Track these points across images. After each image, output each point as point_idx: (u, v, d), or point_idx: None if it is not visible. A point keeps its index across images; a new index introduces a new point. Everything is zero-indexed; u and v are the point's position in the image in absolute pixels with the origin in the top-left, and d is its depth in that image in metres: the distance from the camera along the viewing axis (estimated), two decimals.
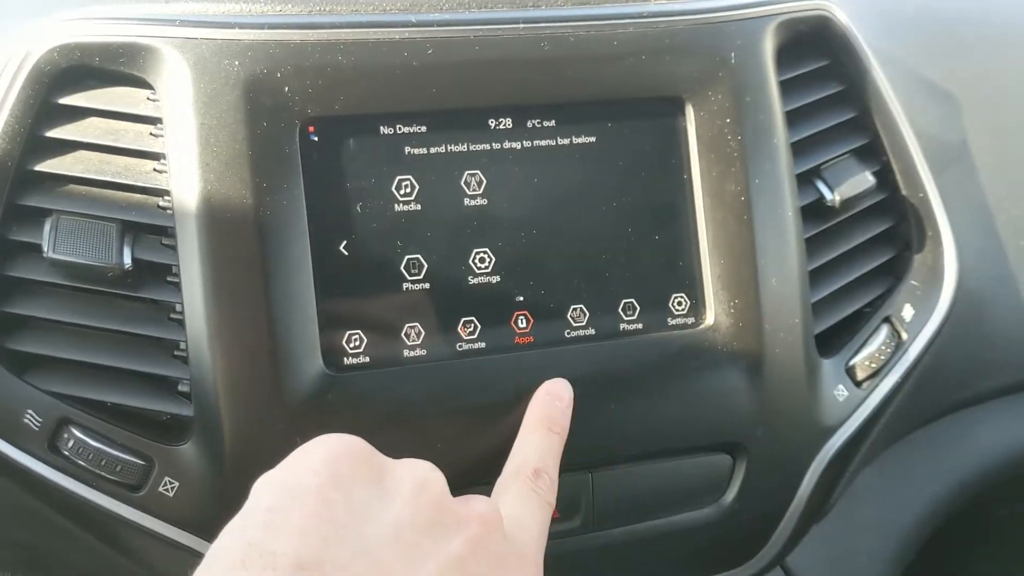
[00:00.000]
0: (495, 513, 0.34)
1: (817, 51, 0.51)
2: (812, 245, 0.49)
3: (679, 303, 0.46)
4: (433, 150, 0.43)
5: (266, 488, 0.31)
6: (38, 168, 0.42)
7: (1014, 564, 0.75)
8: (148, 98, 0.42)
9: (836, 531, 0.55)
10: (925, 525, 0.57)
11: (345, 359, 0.41)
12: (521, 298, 0.44)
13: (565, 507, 0.44)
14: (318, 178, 0.41)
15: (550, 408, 0.42)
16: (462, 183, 0.43)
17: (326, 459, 0.32)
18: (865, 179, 0.50)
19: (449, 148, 0.43)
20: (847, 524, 0.55)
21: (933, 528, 0.58)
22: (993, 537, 0.74)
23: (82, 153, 0.42)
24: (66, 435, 0.40)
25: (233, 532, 0.30)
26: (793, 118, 0.49)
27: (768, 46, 0.47)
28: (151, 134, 0.42)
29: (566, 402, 0.42)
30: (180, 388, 0.41)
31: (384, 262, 0.42)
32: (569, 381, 0.43)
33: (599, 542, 0.46)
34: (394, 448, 0.41)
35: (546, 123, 0.45)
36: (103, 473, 0.40)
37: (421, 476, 0.34)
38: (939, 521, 0.57)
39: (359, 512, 0.31)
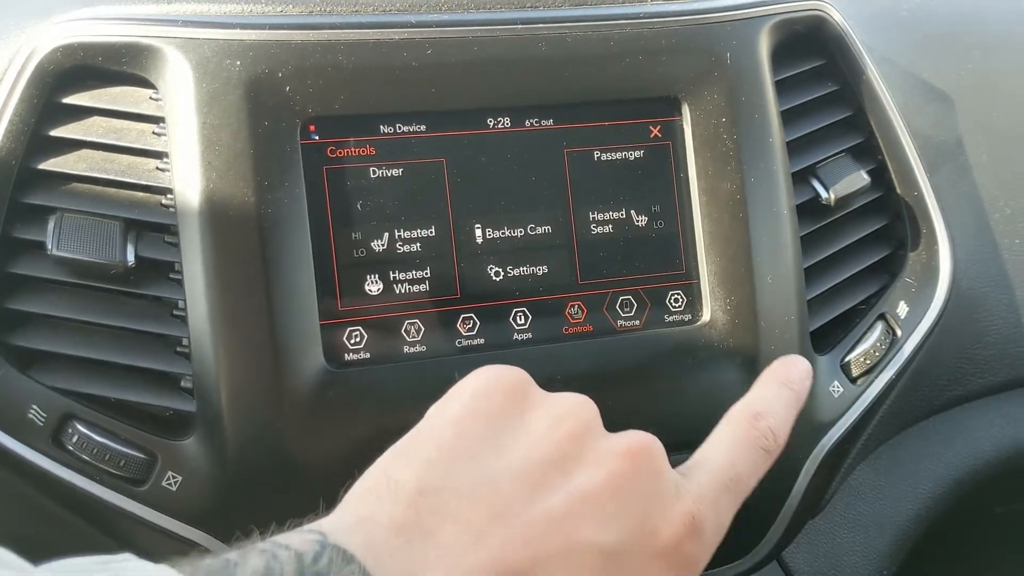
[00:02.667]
0: (647, 447, 0.32)
1: (812, 51, 0.52)
2: (807, 243, 0.49)
3: (676, 300, 0.46)
4: (432, 149, 0.43)
5: (428, 413, 0.33)
6: (42, 167, 0.42)
7: (1010, 561, 0.75)
8: (151, 97, 0.43)
9: (832, 526, 0.56)
10: (920, 521, 0.57)
11: (346, 355, 0.42)
12: (519, 295, 0.44)
13: None
14: (318, 176, 0.42)
15: (794, 370, 0.39)
16: (461, 182, 0.44)
17: (476, 391, 0.32)
18: (860, 178, 0.51)
19: (448, 147, 0.44)
20: (843, 520, 0.56)
21: (928, 524, 0.58)
22: (989, 534, 0.74)
23: (85, 152, 0.42)
24: (70, 430, 0.41)
25: (379, 461, 0.31)
26: (789, 117, 0.49)
27: (764, 46, 0.48)
28: (154, 133, 0.42)
29: (807, 371, 0.39)
30: (183, 384, 0.42)
31: (384, 259, 0.43)
32: (566, 377, 0.44)
33: None
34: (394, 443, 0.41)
35: (544, 122, 0.45)
36: (107, 468, 0.41)
37: (567, 407, 0.33)
38: (934, 517, 0.58)
39: (493, 444, 0.31)
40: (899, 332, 0.52)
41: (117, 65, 0.42)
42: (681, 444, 0.46)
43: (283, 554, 0.26)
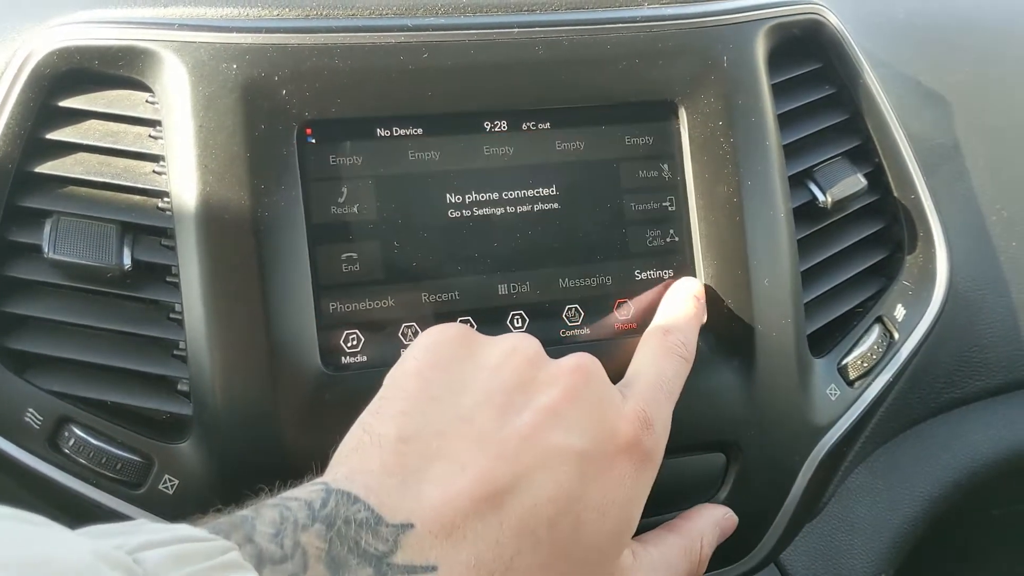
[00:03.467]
0: (591, 363, 0.37)
1: (809, 54, 0.52)
2: (804, 246, 0.49)
3: None
4: (429, 152, 0.43)
5: (385, 380, 0.36)
6: (38, 170, 0.42)
7: (1008, 564, 0.75)
8: (147, 101, 0.43)
9: (829, 529, 0.56)
10: (918, 524, 0.57)
11: (343, 358, 0.42)
12: (516, 298, 0.44)
13: None
14: (315, 180, 0.42)
15: (687, 292, 0.44)
16: (458, 185, 0.44)
17: (426, 346, 0.36)
18: (857, 181, 0.51)
19: (445, 150, 0.44)
20: (840, 522, 0.56)
21: (926, 527, 0.58)
22: (986, 536, 0.74)
23: (82, 155, 0.42)
24: (66, 433, 0.41)
25: (356, 424, 0.34)
26: (785, 120, 0.49)
27: (760, 49, 0.48)
28: (150, 136, 0.42)
29: (696, 286, 0.45)
30: (179, 387, 0.42)
31: (380, 263, 0.43)
32: None
33: None
34: None
35: (541, 126, 0.45)
36: (103, 471, 0.41)
37: (511, 343, 0.37)
38: (932, 520, 0.58)
39: (455, 385, 0.35)
40: (896, 335, 0.52)
41: (113, 68, 0.42)
42: (680, 446, 0.46)
43: (294, 504, 0.29)
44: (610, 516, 0.34)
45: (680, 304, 0.44)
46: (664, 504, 0.47)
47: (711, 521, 0.43)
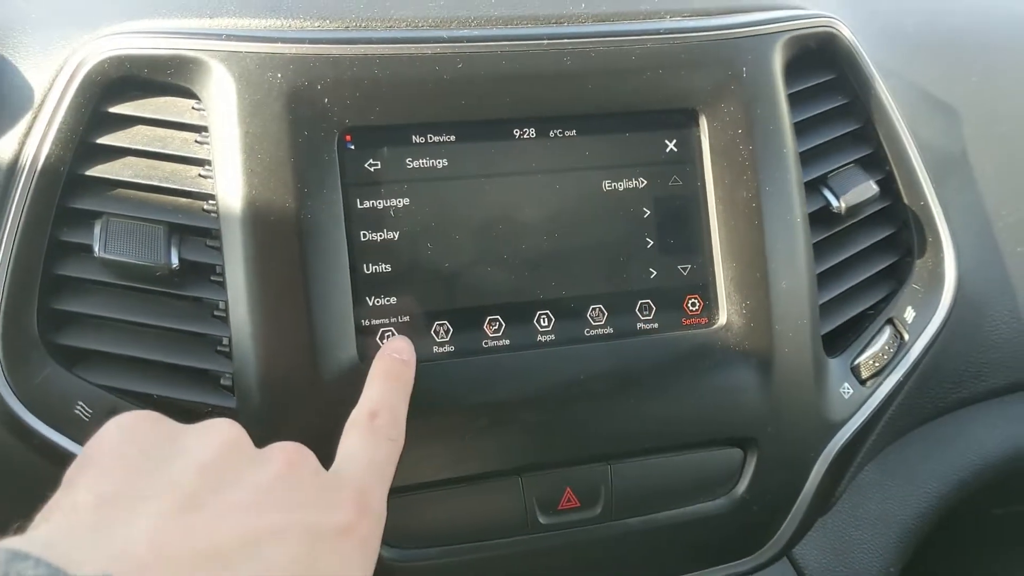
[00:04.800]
0: (300, 451, 0.35)
1: (823, 65, 0.54)
2: (819, 250, 0.51)
3: (693, 304, 0.48)
4: (462, 158, 0.45)
5: (77, 459, 0.32)
6: (88, 173, 0.44)
7: (1011, 563, 0.77)
8: (194, 107, 0.44)
9: (840, 524, 0.57)
10: (925, 520, 0.59)
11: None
12: (543, 298, 0.46)
13: (586, 496, 0.47)
14: (354, 184, 0.44)
15: (390, 362, 0.42)
16: (488, 189, 0.46)
17: (118, 426, 0.33)
18: (869, 187, 0.53)
19: (476, 156, 0.46)
20: (850, 518, 0.58)
21: (933, 523, 0.60)
22: (991, 536, 0.76)
23: (130, 159, 0.44)
24: None
25: (43, 512, 0.30)
26: (801, 129, 0.51)
27: (777, 61, 0.50)
28: (196, 141, 0.44)
29: (407, 355, 0.43)
30: (223, 382, 0.43)
31: (415, 263, 0.44)
32: (588, 377, 0.45)
33: (617, 531, 0.48)
34: (423, 439, 0.43)
35: (568, 133, 0.47)
36: None
37: (217, 427, 0.34)
38: (939, 516, 0.59)
39: (159, 458, 0.31)
40: (906, 336, 0.53)
41: (162, 76, 0.44)
42: (698, 441, 0.48)
43: None
44: None
45: (384, 380, 0.41)
46: (683, 498, 0.49)
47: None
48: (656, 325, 0.47)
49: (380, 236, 0.44)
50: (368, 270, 0.44)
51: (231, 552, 0.28)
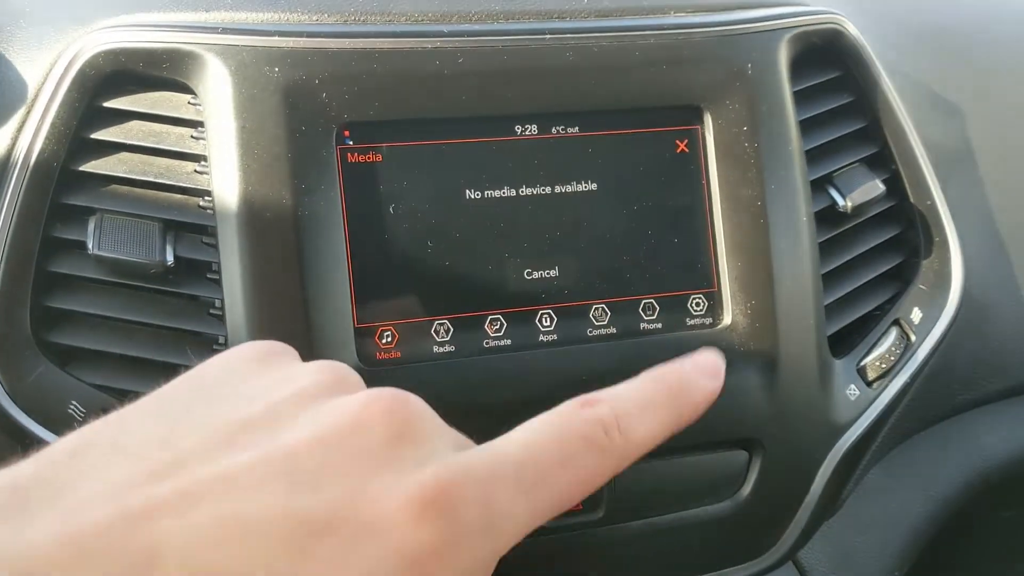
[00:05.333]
0: (398, 405, 0.25)
1: (829, 63, 0.53)
2: (825, 249, 0.50)
3: (697, 304, 0.47)
4: (463, 154, 0.45)
5: None
6: (82, 168, 0.43)
7: (1020, 567, 0.76)
8: (189, 102, 0.44)
9: (845, 527, 0.57)
10: (932, 523, 0.58)
11: (377, 354, 0.43)
12: (545, 298, 0.46)
13: (588, 499, 0.46)
14: (354, 180, 0.43)
15: (703, 362, 0.32)
16: (489, 186, 0.45)
17: (228, 354, 0.29)
18: (875, 186, 0.52)
19: (478, 152, 0.45)
20: (856, 521, 0.57)
21: (940, 527, 0.59)
22: (998, 540, 0.75)
23: (125, 154, 0.44)
24: None
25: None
26: (807, 127, 0.51)
27: (783, 57, 0.49)
28: (192, 137, 0.44)
29: (710, 386, 0.32)
30: None
31: (415, 261, 0.44)
32: (591, 378, 0.44)
33: (621, 534, 0.47)
34: None
35: (570, 129, 0.46)
36: None
37: (312, 368, 0.28)
38: (945, 519, 0.59)
39: (196, 403, 0.26)
40: (913, 337, 0.53)
41: (157, 70, 0.43)
42: (703, 443, 0.47)
43: None
44: None
45: (658, 381, 0.31)
46: (687, 500, 0.48)
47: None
48: (660, 325, 0.47)
49: (379, 234, 0.43)
50: (367, 268, 0.43)
51: (153, 548, 0.21)
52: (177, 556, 0.21)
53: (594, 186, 0.46)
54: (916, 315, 0.53)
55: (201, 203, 0.43)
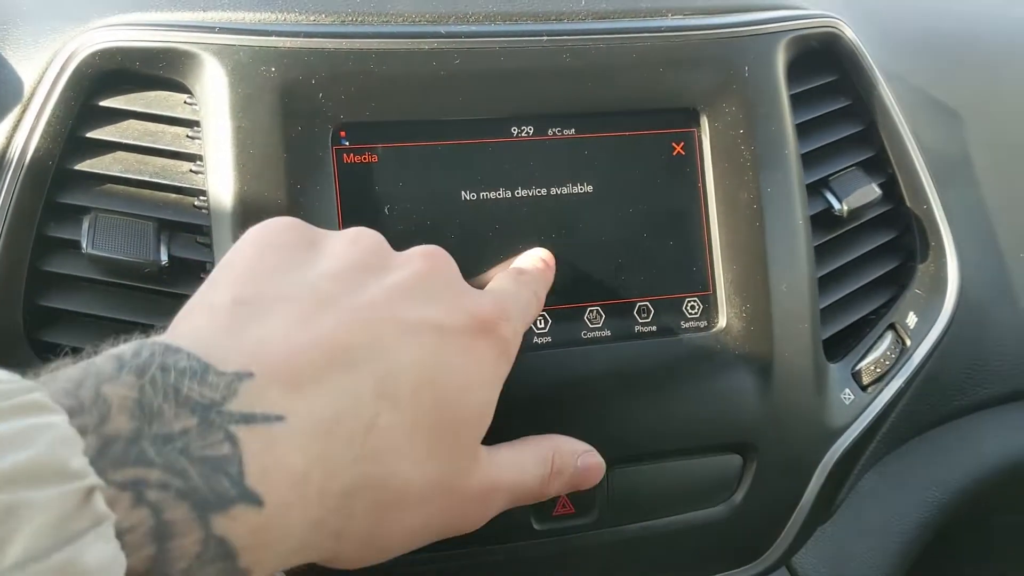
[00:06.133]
0: (441, 255, 0.35)
1: (826, 66, 0.53)
2: (820, 253, 0.50)
3: (692, 307, 0.47)
4: (459, 156, 0.45)
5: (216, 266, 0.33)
6: (77, 167, 0.43)
7: (1013, 573, 0.76)
8: (186, 102, 0.44)
9: (840, 533, 0.56)
10: (927, 529, 0.58)
11: None
12: None
13: (581, 502, 0.46)
14: (349, 181, 0.43)
15: (533, 258, 0.43)
16: (485, 188, 0.45)
17: (260, 229, 0.34)
18: (871, 190, 0.52)
19: (474, 154, 0.45)
20: (850, 526, 0.57)
21: (934, 533, 0.59)
22: (992, 546, 0.75)
23: (120, 154, 0.43)
24: None
25: (184, 310, 0.31)
26: (803, 130, 0.51)
27: (780, 61, 0.49)
28: (188, 136, 0.43)
29: (550, 263, 0.44)
30: None
31: None
32: (584, 380, 0.45)
33: (613, 537, 0.47)
34: None
35: (566, 131, 0.46)
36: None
37: (354, 231, 0.35)
38: (940, 525, 0.59)
39: (296, 261, 0.32)
40: (908, 342, 0.53)
41: (153, 70, 0.43)
42: (696, 447, 0.47)
43: (99, 359, 0.26)
44: (472, 395, 0.33)
45: (529, 261, 0.43)
46: (681, 504, 0.48)
47: (567, 446, 0.39)
48: (654, 328, 0.47)
49: None
50: None
51: (358, 349, 0.29)
52: (377, 355, 0.30)
53: (590, 188, 0.46)
54: (912, 319, 0.53)
55: (196, 203, 0.43)
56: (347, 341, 0.29)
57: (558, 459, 0.38)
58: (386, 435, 0.29)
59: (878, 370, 0.51)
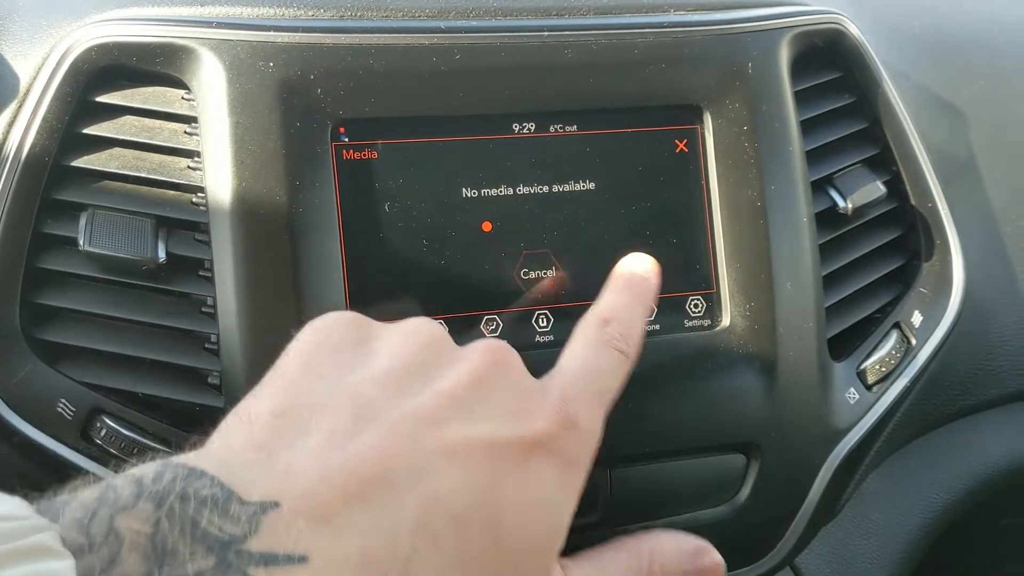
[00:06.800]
0: (506, 347, 0.32)
1: (830, 63, 0.53)
2: (825, 251, 0.50)
3: (695, 305, 0.47)
4: (459, 152, 0.44)
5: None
6: (74, 164, 0.43)
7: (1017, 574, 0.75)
8: (183, 97, 0.43)
9: (844, 533, 0.56)
10: (931, 530, 0.58)
11: None
12: (542, 299, 0.45)
13: (583, 502, 0.45)
14: (349, 177, 0.42)
15: (634, 274, 0.39)
16: (486, 185, 0.44)
17: (315, 328, 0.32)
18: (876, 188, 0.52)
19: (474, 151, 0.44)
20: (854, 527, 0.56)
21: (938, 534, 0.59)
22: (997, 547, 0.75)
23: (117, 150, 0.43)
24: (98, 424, 0.41)
25: (227, 419, 0.29)
26: (807, 127, 0.50)
27: (784, 57, 0.49)
28: (186, 132, 0.43)
29: (653, 275, 0.39)
30: (210, 380, 0.42)
31: (410, 260, 0.43)
32: None
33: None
34: None
35: (568, 128, 0.46)
36: (134, 461, 0.41)
37: (412, 325, 0.32)
38: (945, 526, 0.58)
39: (344, 365, 0.30)
40: (913, 341, 0.52)
41: (151, 65, 0.43)
42: (700, 447, 0.47)
43: (120, 481, 0.24)
44: (532, 519, 0.28)
45: (624, 287, 0.38)
46: (684, 504, 0.48)
47: (672, 545, 0.34)
48: (657, 327, 0.46)
49: (374, 232, 0.43)
50: (362, 267, 0.42)
51: (396, 474, 0.26)
52: (419, 479, 0.26)
53: (592, 185, 0.46)
54: (917, 318, 0.53)
55: (194, 199, 0.43)
56: (383, 465, 0.26)
57: (658, 566, 0.33)
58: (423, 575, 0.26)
59: (883, 369, 0.51)
